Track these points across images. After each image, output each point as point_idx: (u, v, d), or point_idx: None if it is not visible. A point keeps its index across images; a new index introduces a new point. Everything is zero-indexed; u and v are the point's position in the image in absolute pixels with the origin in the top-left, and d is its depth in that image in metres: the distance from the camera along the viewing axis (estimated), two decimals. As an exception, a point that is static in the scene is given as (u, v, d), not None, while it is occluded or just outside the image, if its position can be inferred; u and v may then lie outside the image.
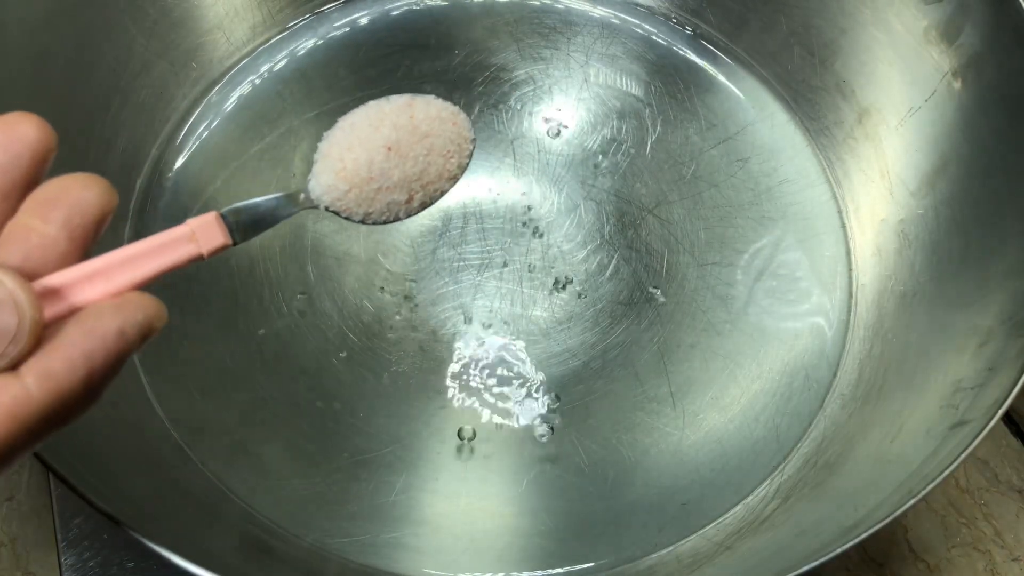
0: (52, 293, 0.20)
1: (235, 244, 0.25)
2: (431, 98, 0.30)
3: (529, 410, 0.42)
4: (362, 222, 0.30)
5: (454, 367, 0.42)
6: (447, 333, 0.43)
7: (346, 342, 0.42)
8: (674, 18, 0.51)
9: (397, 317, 0.43)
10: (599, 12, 0.51)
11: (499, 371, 0.42)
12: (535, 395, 0.42)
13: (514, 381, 0.42)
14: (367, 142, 0.29)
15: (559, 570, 0.39)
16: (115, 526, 0.29)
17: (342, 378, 0.42)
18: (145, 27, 0.44)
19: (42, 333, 0.20)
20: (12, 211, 0.21)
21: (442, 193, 0.31)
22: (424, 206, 0.31)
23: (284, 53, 0.49)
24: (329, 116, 0.47)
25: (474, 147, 0.31)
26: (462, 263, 0.44)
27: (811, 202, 0.47)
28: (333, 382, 0.42)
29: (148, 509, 0.34)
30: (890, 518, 0.31)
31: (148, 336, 0.21)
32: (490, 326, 0.43)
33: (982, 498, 0.44)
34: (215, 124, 0.47)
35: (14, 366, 0.19)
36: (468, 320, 0.43)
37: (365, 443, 0.41)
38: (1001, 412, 0.32)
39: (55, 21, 0.40)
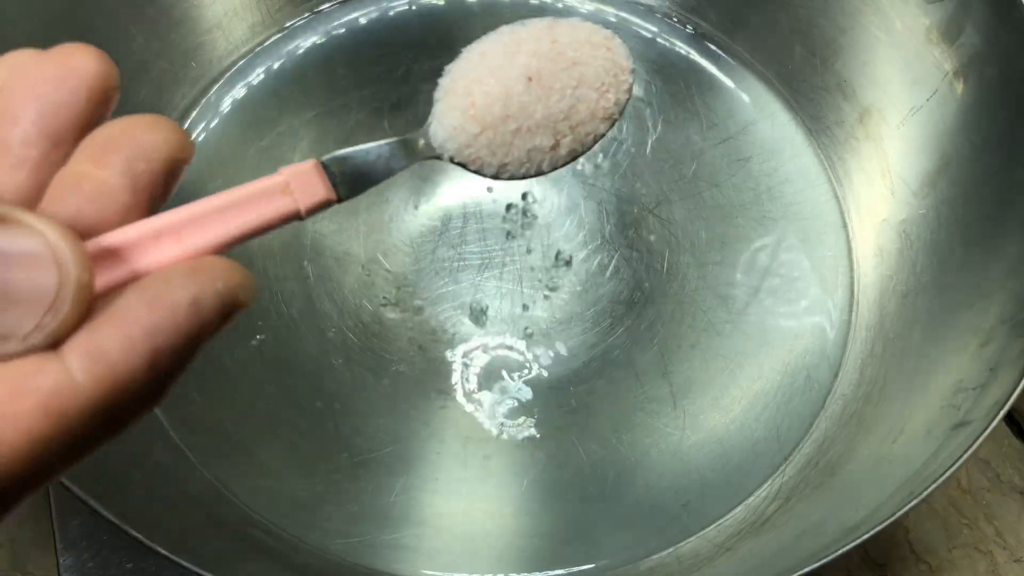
0: (108, 254, 0.16)
1: (339, 201, 0.20)
2: (577, 20, 0.25)
3: (529, 410, 0.42)
4: (495, 176, 0.24)
5: (454, 367, 0.42)
6: (447, 333, 0.43)
7: (346, 342, 0.42)
8: (675, 17, 0.51)
9: (397, 317, 0.43)
10: (599, 11, 0.51)
11: (499, 371, 0.42)
12: (535, 396, 0.42)
13: (514, 381, 0.42)
14: (502, 71, 0.23)
15: (559, 571, 0.39)
16: (113, 527, 0.29)
17: (341, 378, 0.42)
18: (143, 26, 0.44)
19: (91, 301, 0.15)
20: (67, 157, 0.17)
21: (595, 139, 0.24)
22: (573, 156, 0.24)
23: (283, 53, 0.49)
24: (329, 116, 0.47)
25: (633, 80, 0.25)
26: (462, 263, 0.44)
27: (812, 202, 0.47)
28: (332, 382, 0.42)
29: (146, 510, 0.33)
30: (892, 519, 0.30)
31: (230, 314, 0.17)
32: (490, 326, 0.43)
33: (984, 499, 0.44)
34: (214, 124, 0.47)
35: (55, 344, 0.15)
36: (468, 320, 0.43)
37: (364, 444, 0.40)
38: (1003, 412, 0.32)
39: (53, 20, 0.40)
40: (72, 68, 0.17)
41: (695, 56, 0.50)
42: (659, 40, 0.50)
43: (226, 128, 0.47)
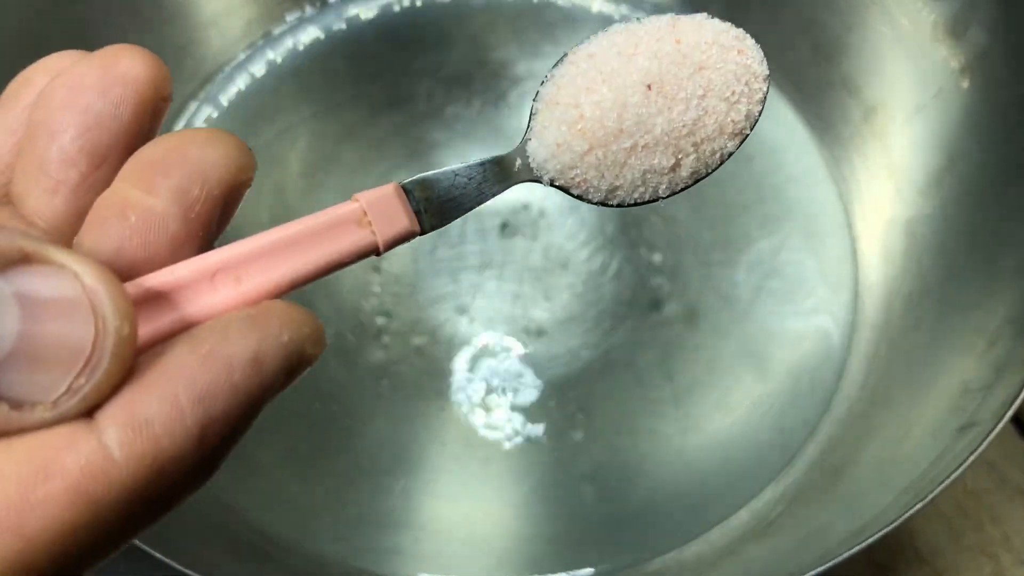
0: (154, 298, 0.14)
1: (423, 232, 0.18)
2: (702, 17, 0.21)
3: (529, 412, 0.41)
4: (603, 203, 0.20)
5: (453, 369, 0.42)
6: (446, 334, 0.42)
7: (344, 343, 0.42)
8: (676, 12, 0.50)
9: (396, 318, 0.43)
10: (600, 6, 0.50)
11: (499, 373, 0.42)
12: (536, 397, 0.41)
13: (515, 383, 0.42)
14: (616, 77, 0.20)
15: (560, 575, 0.39)
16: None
17: (340, 380, 0.41)
18: (138, 22, 0.44)
19: (134, 357, 0.13)
20: (110, 179, 0.15)
21: (722, 158, 0.21)
22: (696, 178, 0.21)
23: (280, 49, 0.48)
24: (328, 113, 0.47)
25: (768, 88, 0.21)
26: (461, 263, 0.44)
27: (817, 201, 0.46)
28: (330, 384, 0.41)
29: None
30: (897, 522, 0.30)
31: (297, 369, 0.15)
32: (490, 327, 0.43)
33: (989, 501, 0.43)
34: (210, 121, 0.46)
35: (89, 410, 0.13)
36: (468, 321, 0.43)
37: (363, 446, 0.40)
38: (1010, 414, 0.32)
39: (47, 16, 0.40)
40: (118, 75, 0.15)
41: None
42: (661, 37, 0.50)
43: (222, 125, 0.46)
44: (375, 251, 0.17)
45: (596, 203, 0.21)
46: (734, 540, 0.39)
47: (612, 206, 0.21)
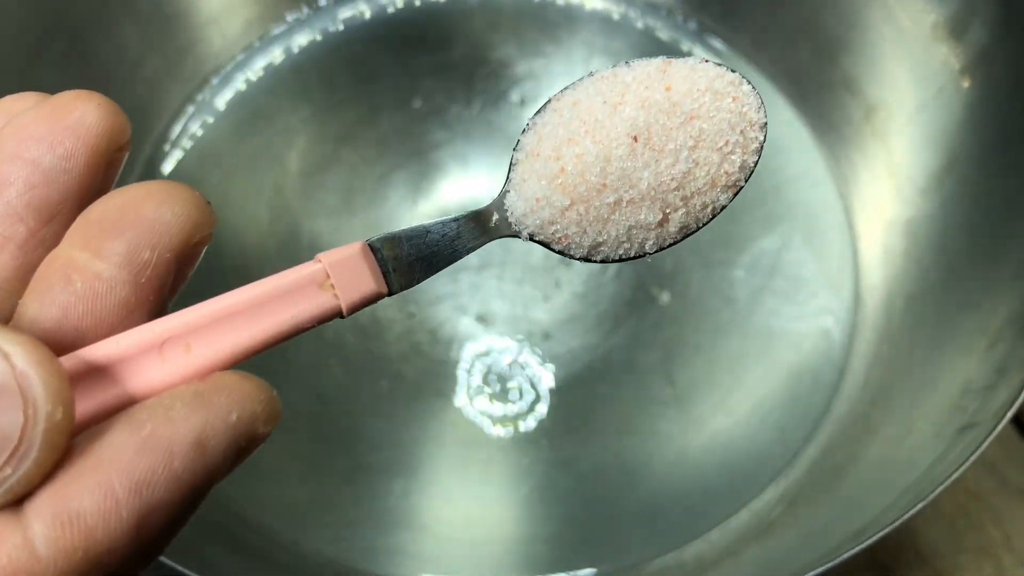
0: (96, 372, 0.13)
1: (391, 294, 0.17)
2: (694, 61, 0.19)
3: (530, 413, 0.41)
4: (586, 258, 0.20)
5: (453, 369, 0.42)
6: (446, 335, 0.42)
7: (343, 344, 0.42)
8: (677, 12, 0.50)
9: (395, 319, 0.43)
10: (601, 6, 0.50)
11: (499, 373, 0.42)
12: (536, 398, 0.41)
13: (515, 383, 0.42)
14: (600, 129, 0.18)
15: (560, 575, 0.39)
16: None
17: (340, 381, 0.41)
18: (138, 22, 0.44)
19: (70, 440, 0.12)
20: (61, 234, 0.14)
21: (714, 211, 0.20)
22: (685, 233, 0.20)
23: (280, 49, 0.48)
24: (327, 113, 0.47)
25: (765, 137, 0.20)
26: (461, 263, 0.44)
27: (817, 201, 0.46)
28: (330, 385, 0.41)
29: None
30: (898, 522, 0.30)
31: (247, 449, 0.14)
32: (490, 327, 0.43)
33: (991, 502, 0.43)
34: (209, 122, 0.46)
35: (17, 501, 0.12)
36: (468, 321, 0.43)
37: (363, 447, 0.40)
38: (1010, 414, 0.32)
39: (46, 16, 0.40)
40: (69, 125, 0.14)
41: (698, 52, 0.49)
42: (661, 36, 0.50)
43: (221, 126, 0.46)
44: (338, 315, 0.16)
45: (579, 259, 0.20)
46: (735, 540, 0.38)
47: (596, 262, 0.20)
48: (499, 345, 0.42)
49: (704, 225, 0.20)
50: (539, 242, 0.19)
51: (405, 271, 0.17)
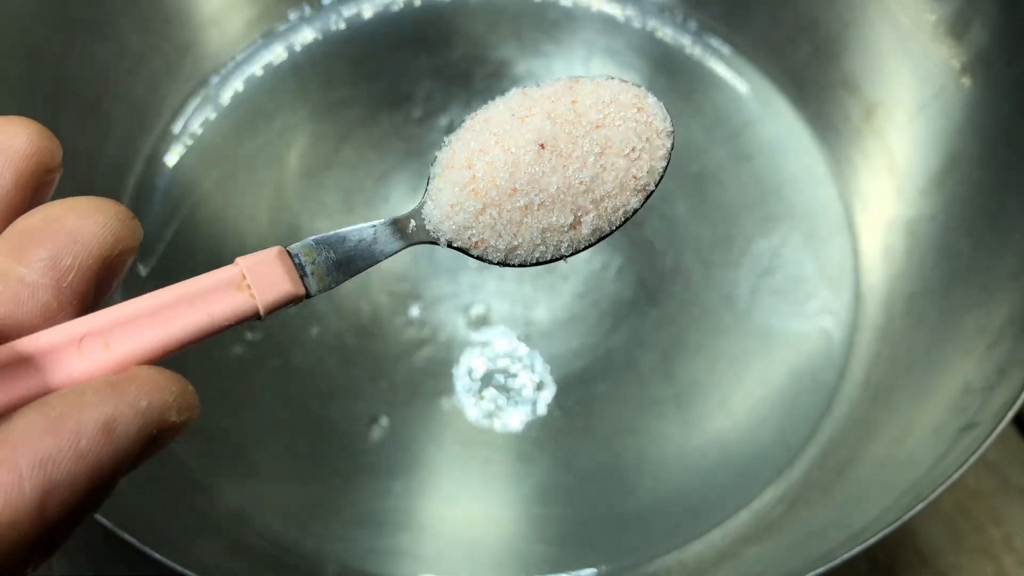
0: (17, 364, 0.14)
1: (308, 296, 0.18)
2: (602, 78, 0.21)
3: (530, 413, 0.41)
4: (503, 263, 0.21)
5: (453, 369, 0.42)
6: (446, 335, 0.42)
7: (343, 344, 0.42)
8: (678, 12, 0.50)
9: (395, 319, 0.43)
10: (601, 6, 0.50)
11: (499, 373, 0.42)
12: (536, 398, 0.41)
13: (515, 383, 0.42)
14: (508, 138, 0.20)
15: None
16: (108, 532, 0.29)
17: (339, 381, 0.41)
18: (138, 21, 0.44)
19: None
20: None
21: (625, 214, 0.21)
22: (599, 235, 0.21)
23: (280, 48, 0.48)
24: (327, 112, 0.47)
25: (672, 144, 0.21)
26: (461, 263, 0.44)
27: (818, 200, 0.46)
28: (330, 385, 0.41)
29: (142, 515, 0.33)
30: (899, 522, 0.30)
31: (160, 438, 0.14)
32: (490, 327, 0.43)
33: (991, 502, 0.43)
34: (209, 121, 0.46)
35: None
36: (468, 321, 0.43)
37: (363, 447, 0.40)
38: (1011, 414, 0.32)
39: (47, 15, 0.40)
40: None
41: (698, 52, 0.49)
42: (662, 36, 0.50)
43: (221, 125, 0.46)
44: (256, 315, 0.17)
45: (497, 263, 0.21)
46: (735, 540, 0.38)
47: (514, 266, 0.21)
48: (499, 345, 0.42)
49: (618, 228, 0.21)
50: (457, 248, 0.20)
51: (323, 274, 0.18)
